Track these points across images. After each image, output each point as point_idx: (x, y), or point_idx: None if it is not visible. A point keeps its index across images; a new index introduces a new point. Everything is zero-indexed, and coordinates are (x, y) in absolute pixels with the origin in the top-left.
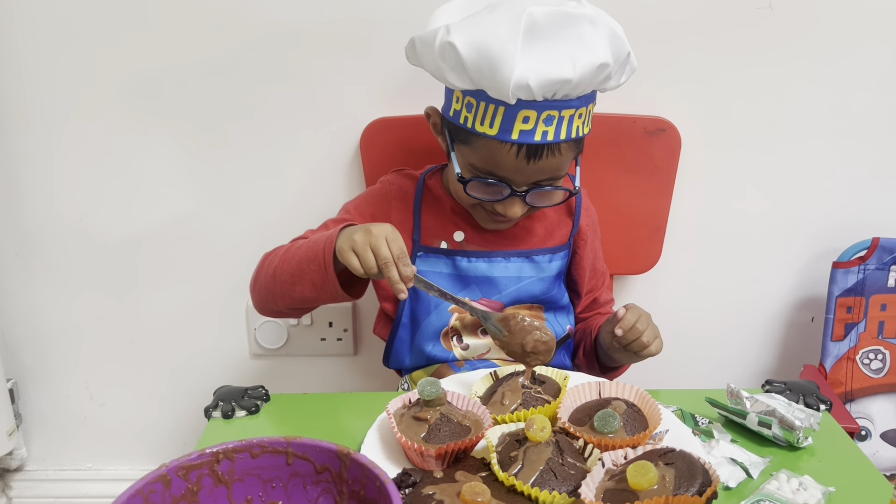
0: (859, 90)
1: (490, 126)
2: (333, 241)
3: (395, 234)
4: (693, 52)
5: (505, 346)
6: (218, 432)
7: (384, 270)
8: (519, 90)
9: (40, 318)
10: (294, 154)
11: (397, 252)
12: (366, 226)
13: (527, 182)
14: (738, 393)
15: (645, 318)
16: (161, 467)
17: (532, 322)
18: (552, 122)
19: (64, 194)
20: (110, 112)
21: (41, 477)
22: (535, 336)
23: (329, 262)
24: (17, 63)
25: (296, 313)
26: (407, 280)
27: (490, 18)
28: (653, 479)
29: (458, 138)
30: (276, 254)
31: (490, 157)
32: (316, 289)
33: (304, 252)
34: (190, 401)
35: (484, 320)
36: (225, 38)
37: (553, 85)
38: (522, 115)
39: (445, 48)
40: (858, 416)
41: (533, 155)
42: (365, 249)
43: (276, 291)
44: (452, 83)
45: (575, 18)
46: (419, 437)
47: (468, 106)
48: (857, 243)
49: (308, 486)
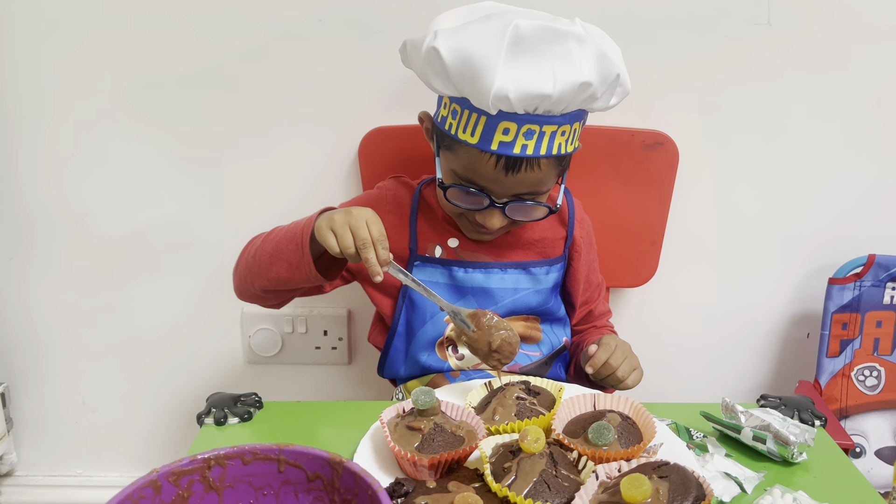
0: (857, 106)
1: (471, 135)
2: (312, 222)
3: (375, 217)
4: (691, 67)
5: (472, 343)
6: (210, 439)
7: (362, 251)
8: (499, 101)
9: (33, 322)
10: (292, 162)
11: (377, 234)
12: (347, 208)
13: (506, 194)
14: (732, 407)
15: (620, 352)
16: (152, 473)
17: (501, 321)
18: (532, 136)
19: (58, 198)
20: (108, 116)
21: (31, 482)
22: (503, 335)
23: (307, 242)
24: (16, 65)
25: (271, 297)
26: (383, 264)
27: (479, 28)
28: (647, 492)
29: (444, 144)
30: (261, 236)
31: (470, 166)
32: (291, 268)
33: (284, 233)
34: (182, 407)
35: (454, 315)
36: (225, 45)
37: (532, 99)
38: (503, 126)
39: (431, 53)
40: (853, 432)
41: (511, 167)
42: (344, 229)
43: (255, 272)
44: (437, 89)
45: (562, 35)
46: (412, 446)
47: (453, 112)
48: (853, 260)
49: (300, 493)
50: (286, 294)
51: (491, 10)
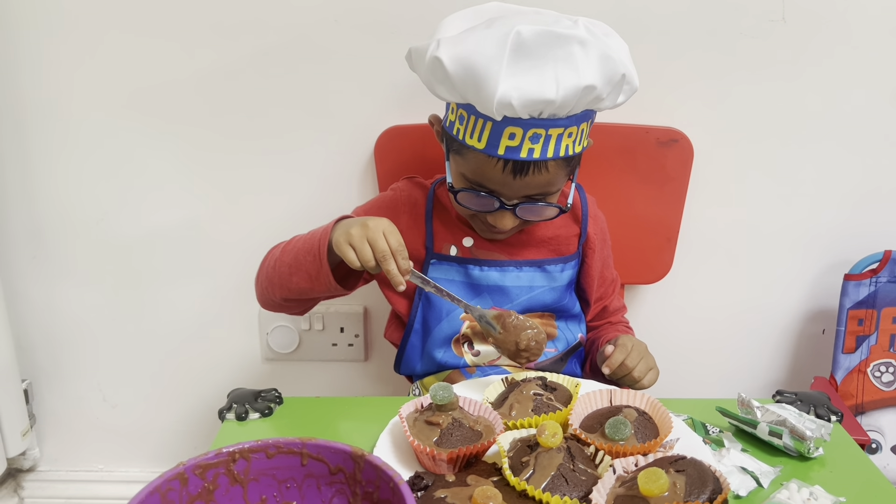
0: (872, 102)
1: (478, 140)
2: (329, 234)
3: (391, 227)
4: (706, 64)
5: (499, 344)
6: (231, 434)
7: (382, 264)
8: (502, 108)
9: (55, 319)
10: (309, 160)
11: (395, 245)
12: (362, 219)
13: (516, 196)
14: (748, 402)
15: (636, 352)
16: (178, 465)
17: (525, 320)
18: (538, 139)
19: (80, 197)
20: (128, 116)
21: (53, 478)
22: (529, 334)
23: (324, 254)
24: (34, 69)
25: (293, 306)
26: (404, 273)
27: (481, 35)
28: (664, 486)
29: (453, 148)
30: (280, 245)
31: (479, 170)
32: (311, 280)
33: (302, 243)
34: (201, 404)
35: (479, 318)
36: (242, 45)
37: (536, 105)
38: (509, 131)
39: (434, 62)
40: (869, 428)
41: (519, 171)
42: (362, 243)
43: (275, 282)
44: (442, 96)
45: (564, 39)
46: (431, 441)
47: (460, 118)
48: (869, 255)
49: (322, 486)
50: (308, 302)
51: (496, 12)
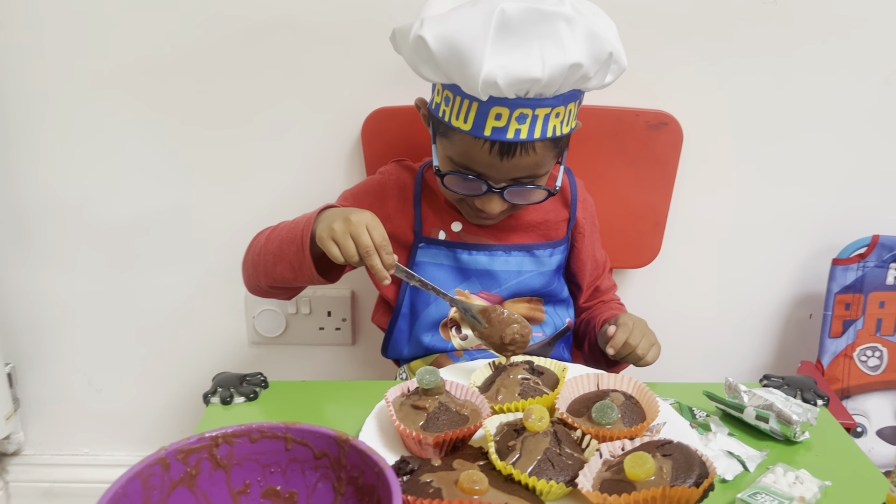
0: (863, 87)
1: (464, 121)
2: (311, 225)
3: (375, 221)
4: (697, 46)
5: (484, 338)
6: (216, 418)
7: (366, 259)
8: (488, 87)
9: (39, 303)
10: (295, 143)
11: (379, 240)
12: (345, 213)
13: (504, 179)
14: (735, 387)
15: (638, 330)
16: (160, 450)
17: (511, 315)
18: (525, 120)
19: (62, 180)
20: (110, 98)
21: (38, 461)
22: (514, 329)
23: (307, 245)
24: (17, 49)
25: (280, 293)
26: (389, 267)
27: (466, 13)
28: (650, 471)
29: (439, 131)
30: (265, 232)
31: (466, 153)
32: (294, 270)
33: (286, 233)
34: (187, 387)
35: (464, 312)
36: (226, 26)
37: (522, 83)
38: (495, 111)
39: (417, 41)
40: (855, 412)
41: (506, 152)
42: (345, 238)
43: (260, 269)
44: (426, 76)
45: (549, 16)
46: (417, 425)
47: (446, 99)
48: (857, 240)
49: (307, 471)
50: (295, 290)
51: None
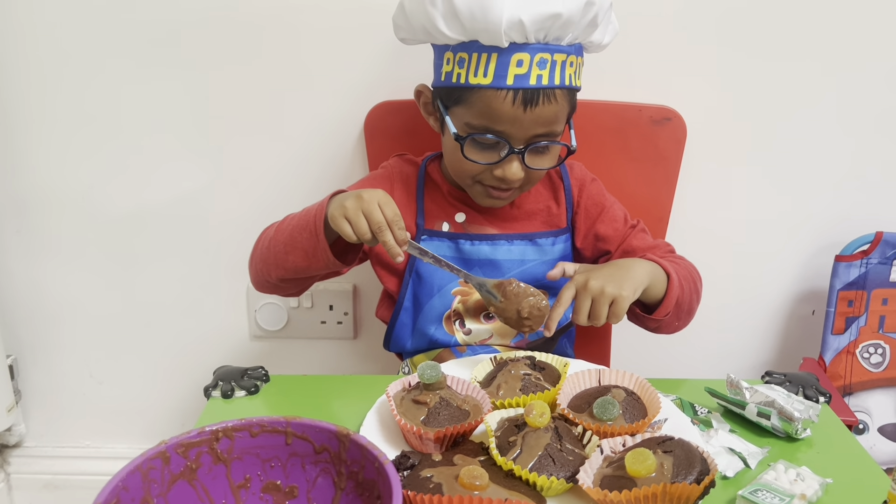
0: (867, 83)
1: (484, 75)
2: (324, 208)
3: (387, 198)
4: (700, 41)
5: (500, 313)
6: (217, 412)
7: (378, 235)
8: (511, 28)
9: (41, 295)
10: (298, 136)
11: (391, 216)
12: (357, 192)
13: (524, 136)
14: (737, 383)
15: (585, 294)
16: (160, 444)
17: (527, 288)
18: (545, 65)
19: (65, 172)
20: (113, 90)
21: (39, 453)
22: (531, 301)
23: (320, 229)
24: (15, 35)
25: (289, 287)
26: (402, 244)
27: None
28: (651, 467)
29: (452, 100)
30: (273, 226)
31: (486, 110)
32: (308, 257)
33: (297, 221)
34: (189, 380)
35: (479, 287)
36: (231, 19)
37: (545, 20)
38: (516, 58)
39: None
40: (857, 409)
41: (529, 101)
42: (357, 215)
43: (270, 262)
44: (444, 33)
45: None
46: (418, 420)
47: (460, 62)
48: (860, 237)
49: (307, 465)
50: (304, 282)
51: None
